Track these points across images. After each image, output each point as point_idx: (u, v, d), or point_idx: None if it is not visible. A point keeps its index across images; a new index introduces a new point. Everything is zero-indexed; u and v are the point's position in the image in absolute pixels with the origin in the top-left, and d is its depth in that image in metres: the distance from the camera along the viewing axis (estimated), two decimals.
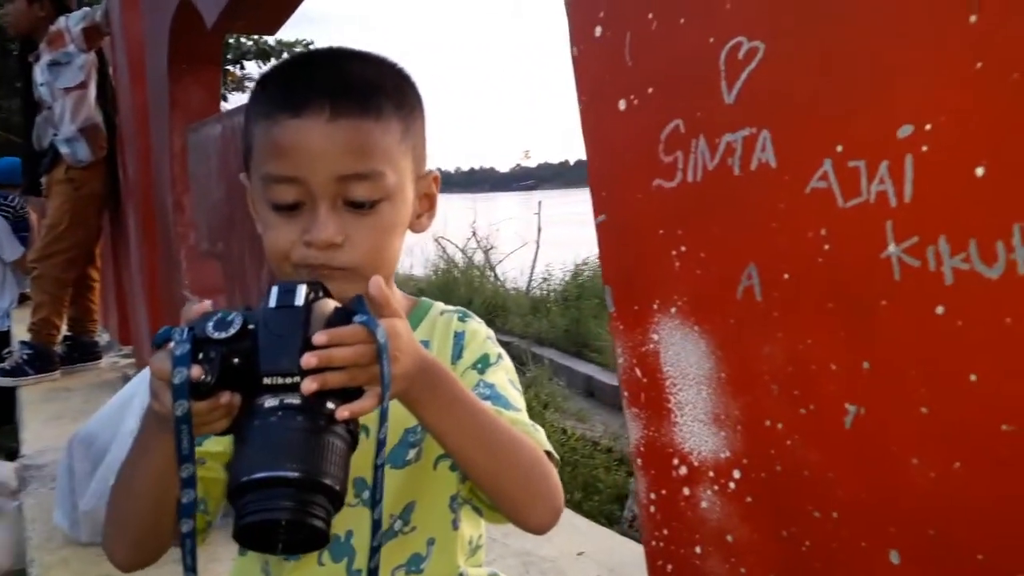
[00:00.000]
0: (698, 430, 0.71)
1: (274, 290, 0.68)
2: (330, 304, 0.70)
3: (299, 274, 0.85)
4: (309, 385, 0.64)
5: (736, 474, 0.68)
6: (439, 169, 0.93)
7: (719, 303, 0.67)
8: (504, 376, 1.03)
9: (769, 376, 0.63)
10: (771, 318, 0.63)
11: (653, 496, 0.77)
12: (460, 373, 1.01)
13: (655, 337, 0.74)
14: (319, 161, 0.83)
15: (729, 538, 0.69)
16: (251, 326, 0.67)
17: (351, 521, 0.92)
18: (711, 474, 0.70)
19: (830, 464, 0.60)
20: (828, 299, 0.58)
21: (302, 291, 0.68)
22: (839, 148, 0.56)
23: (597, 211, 0.79)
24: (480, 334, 1.04)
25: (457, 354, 1.01)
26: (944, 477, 0.53)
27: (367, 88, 0.85)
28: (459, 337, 1.01)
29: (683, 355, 0.71)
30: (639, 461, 0.78)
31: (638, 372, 0.76)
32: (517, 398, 1.02)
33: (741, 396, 0.66)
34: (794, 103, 0.59)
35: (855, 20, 0.55)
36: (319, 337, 0.65)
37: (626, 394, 0.78)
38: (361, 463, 0.89)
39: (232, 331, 0.67)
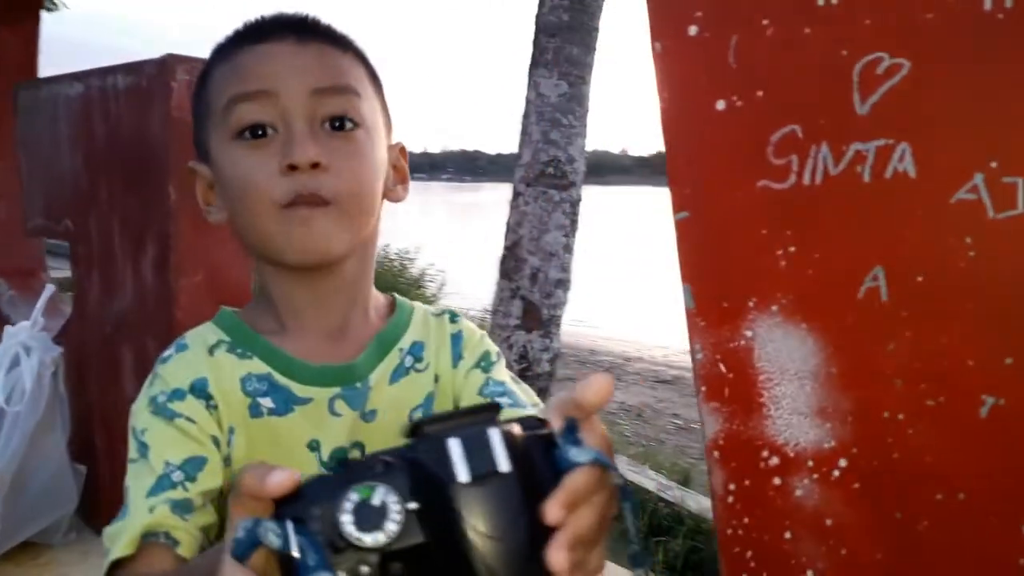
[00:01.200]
0: (797, 422, 0.74)
1: (454, 449, 0.41)
2: (522, 436, 0.45)
3: (289, 219, 0.79)
4: None
5: (842, 463, 0.72)
6: None
7: (834, 302, 0.71)
8: (507, 373, 1.02)
9: (892, 371, 0.68)
10: (898, 317, 0.67)
11: (733, 487, 0.79)
12: (463, 375, 0.98)
13: (748, 333, 0.76)
14: (291, 75, 0.80)
15: (828, 522, 0.73)
16: (410, 506, 0.42)
17: None
18: (810, 463, 0.74)
19: (960, 450, 0.66)
20: (968, 301, 0.64)
21: (496, 438, 0.41)
22: (993, 164, 0.62)
23: (677, 208, 0.80)
24: (476, 332, 1.03)
25: (457, 356, 0.99)
26: None
27: (333, 30, 0.85)
28: (456, 339, 0.99)
29: (784, 351, 0.74)
30: (716, 454, 0.80)
31: (722, 367, 0.78)
32: (529, 393, 1.01)
33: (855, 390, 0.71)
34: (940, 120, 0.64)
35: (1012, 46, 0.61)
36: (554, 511, 0.42)
37: (704, 388, 0.80)
38: None
39: (393, 529, 0.41)
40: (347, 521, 0.40)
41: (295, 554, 0.40)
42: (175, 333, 1.60)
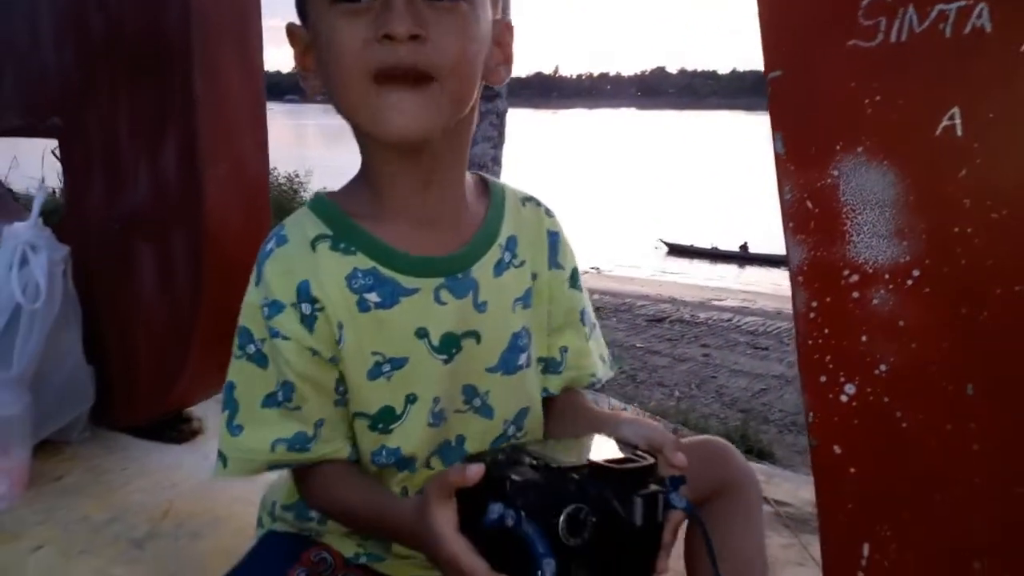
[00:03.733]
0: (876, 244, 0.90)
1: (639, 504, 0.66)
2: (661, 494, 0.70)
3: (378, 94, 0.80)
4: None
5: (915, 273, 0.88)
6: None
7: (914, 139, 0.86)
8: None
9: (963, 193, 0.84)
10: (971, 149, 0.83)
11: (815, 304, 0.95)
12: (561, 287, 1.07)
13: (835, 173, 0.91)
14: None
15: (901, 323, 0.90)
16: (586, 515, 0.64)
17: (461, 427, 0.98)
18: (886, 276, 0.90)
19: (1018, 252, 0.83)
20: None
21: (659, 500, 0.68)
22: None
23: (770, 66, 0.93)
24: (565, 235, 1.10)
25: (554, 262, 1.06)
26: None
27: None
28: (554, 240, 1.05)
29: (867, 185, 0.89)
30: (800, 278, 0.95)
31: (809, 204, 0.93)
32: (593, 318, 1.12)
33: (928, 212, 0.87)
34: None
35: None
36: (668, 537, 0.71)
37: (792, 224, 0.95)
38: (470, 369, 0.97)
39: (585, 538, 0.63)
40: (563, 527, 0.62)
41: (528, 537, 0.62)
42: (206, 226, 1.64)
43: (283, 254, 0.91)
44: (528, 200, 1.06)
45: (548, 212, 1.07)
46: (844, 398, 0.95)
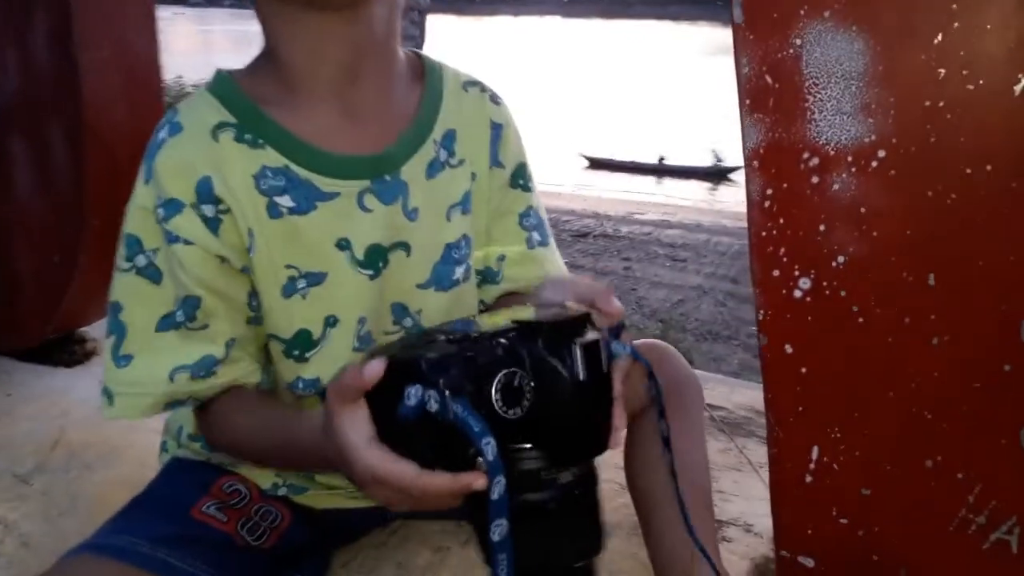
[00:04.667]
0: (839, 122, 0.82)
1: (579, 354, 0.55)
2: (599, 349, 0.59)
3: None
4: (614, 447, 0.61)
5: (881, 154, 0.81)
6: None
7: (885, 2, 0.77)
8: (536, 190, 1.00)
9: (937, 61, 0.76)
10: (947, 11, 0.75)
11: (770, 192, 0.87)
12: (500, 188, 0.95)
13: (797, 42, 0.81)
14: None
15: (862, 210, 0.83)
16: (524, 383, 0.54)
17: None
18: (849, 159, 0.82)
19: (992, 128, 0.75)
20: None
21: (601, 348, 0.58)
22: None
23: None
24: (515, 127, 0.97)
25: (495, 159, 0.94)
26: None
27: None
28: (496, 133, 0.92)
29: (832, 55, 0.80)
30: (755, 163, 0.87)
31: (768, 79, 0.83)
32: (545, 217, 1.01)
33: (898, 84, 0.78)
34: None
35: None
36: (616, 386, 0.62)
37: (748, 101, 0.85)
38: (399, 286, 0.87)
39: (524, 406, 0.53)
40: (497, 398, 0.51)
41: (461, 416, 0.51)
42: (86, 117, 1.46)
43: (178, 145, 0.77)
44: (472, 85, 0.93)
45: (495, 99, 0.94)
46: (798, 293, 0.88)
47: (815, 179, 0.84)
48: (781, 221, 0.87)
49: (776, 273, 0.89)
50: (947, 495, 0.87)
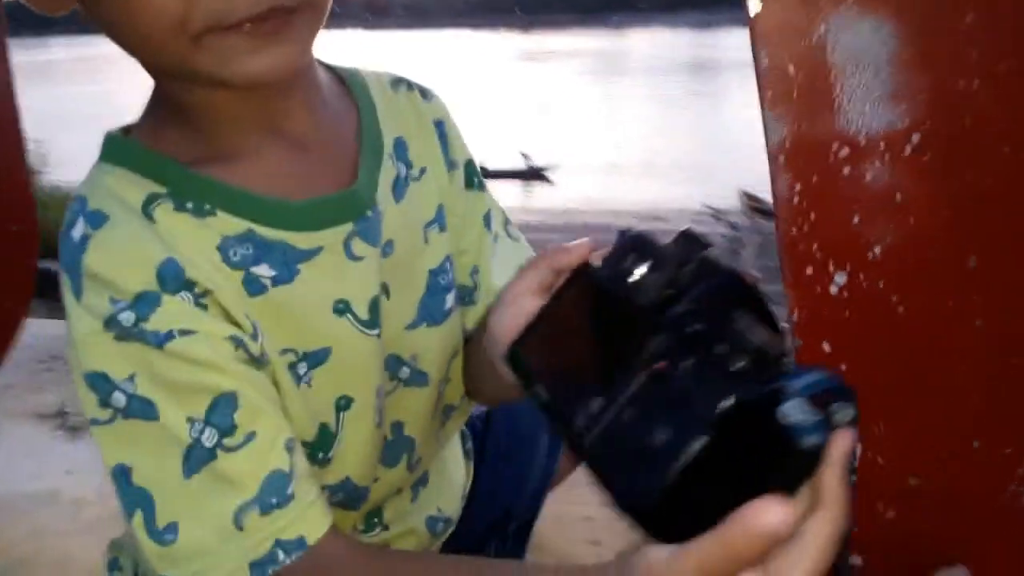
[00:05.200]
0: (870, 110, 0.79)
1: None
2: None
3: (213, 52, 0.55)
4: None
5: (914, 138, 0.79)
6: None
7: None
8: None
9: (966, 43, 0.75)
10: None
11: (799, 187, 0.83)
12: (459, 192, 0.82)
13: (821, 30, 0.78)
14: None
15: (898, 197, 0.81)
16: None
17: (394, 412, 0.77)
18: (881, 146, 0.80)
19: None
20: None
21: None
22: None
23: None
24: (452, 119, 0.86)
25: (448, 161, 0.81)
26: None
27: None
28: (441, 128, 0.81)
29: (858, 42, 0.77)
30: (781, 159, 0.83)
31: (791, 69, 0.80)
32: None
33: (928, 68, 0.77)
34: None
35: None
36: None
37: (770, 95, 0.81)
38: (388, 336, 0.74)
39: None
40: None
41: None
42: None
43: (110, 236, 0.59)
44: (397, 83, 0.80)
45: (425, 94, 0.82)
46: (834, 289, 0.85)
47: (847, 170, 0.81)
48: (812, 216, 0.84)
49: (809, 271, 0.85)
50: (995, 472, 0.87)
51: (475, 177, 0.84)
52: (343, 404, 0.70)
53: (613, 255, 0.48)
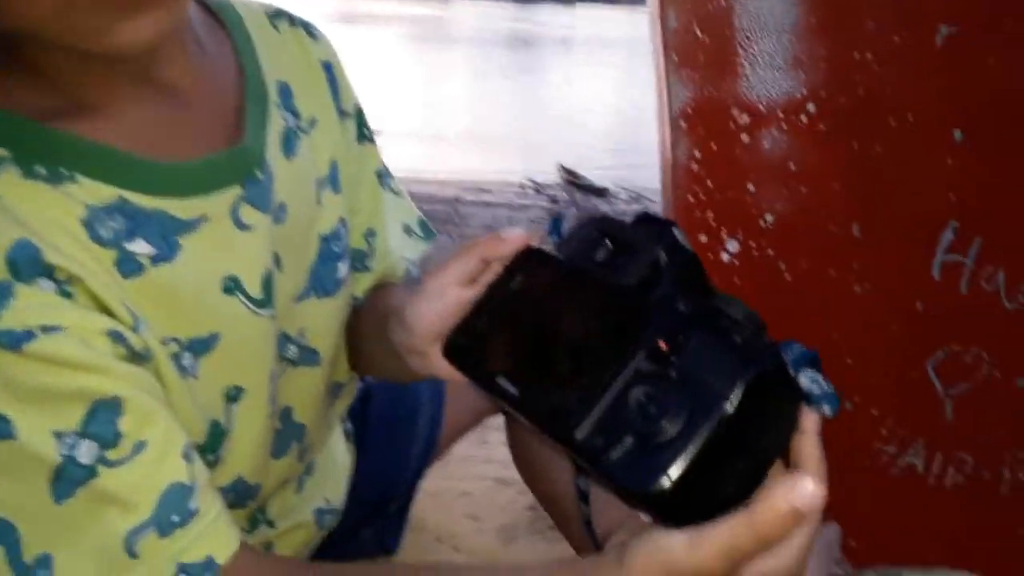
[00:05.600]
0: (771, 77, 0.79)
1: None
2: None
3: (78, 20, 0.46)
4: None
5: (811, 107, 0.80)
6: None
7: None
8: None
9: (867, 12, 0.76)
10: None
11: (698, 153, 0.82)
12: (351, 143, 0.74)
13: None
14: None
15: (791, 166, 0.82)
16: None
17: (284, 396, 0.68)
18: (780, 114, 0.80)
19: (915, 79, 0.78)
20: None
21: None
22: None
23: None
24: (340, 61, 0.77)
25: (338, 107, 0.72)
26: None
27: None
28: (330, 72, 0.71)
29: (765, 6, 0.77)
30: (683, 123, 0.81)
31: (698, 32, 0.78)
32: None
33: (830, 36, 0.78)
34: None
35: None
36: None
37: (676, 57, 0.79)
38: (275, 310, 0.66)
39: None
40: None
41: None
42: None
43: None
44: (277, 18, 0.69)
45: (311, 31, 0.71)
46: (726, 256, 0.85)
47: (745, 137, 0.81)
48: (709, 184, 0.83)
49: (703, 239, 0.85)
50: (863, 433, 0.92)
51: (364, 127, 0.75)
52: (233, 395, 0.60)
53: (574, 239, 0.46)
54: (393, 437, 0.92)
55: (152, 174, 0.53)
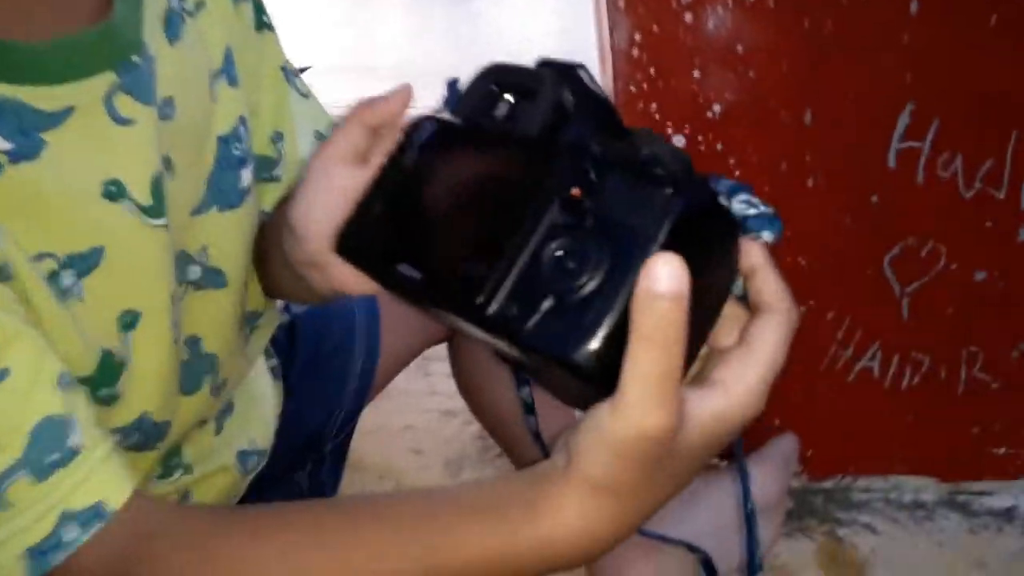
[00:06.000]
0: None
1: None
2: None
3: None
4: None
5: None
6: None
7: None
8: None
9: None
10: None
11: (638, 37, 0.74)
12: (248, 31, 0.64)
13: None
14: None
15: (739, 48, 0.75)
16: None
17: (190, 323, 0.60)
18: None
19: None
20: None
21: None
22: None
23: None
24: None
25: None
26: None
27: None
28: None
29: None
30: (621, 4, 0.73)
31: None
32: None
33: None
34: None
35: None
36: None
37: None
38: (170, 222, 0.57)
39: None
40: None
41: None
42: None
43: None
44: None
45: None
46: None
47: (688, 17, 0.74)
48: (652, 71, 0.76)
49: None
50: (819, 336, 0.87)
51: (263, 14, 0.65)
52: (129, 321, 0.52)
53: (470, 98, 0.40)
54: (324, 373, 0.85)
55: (4, 56, 0.44)
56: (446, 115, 0.42)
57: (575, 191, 0.33)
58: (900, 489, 0.95)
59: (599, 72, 0.85)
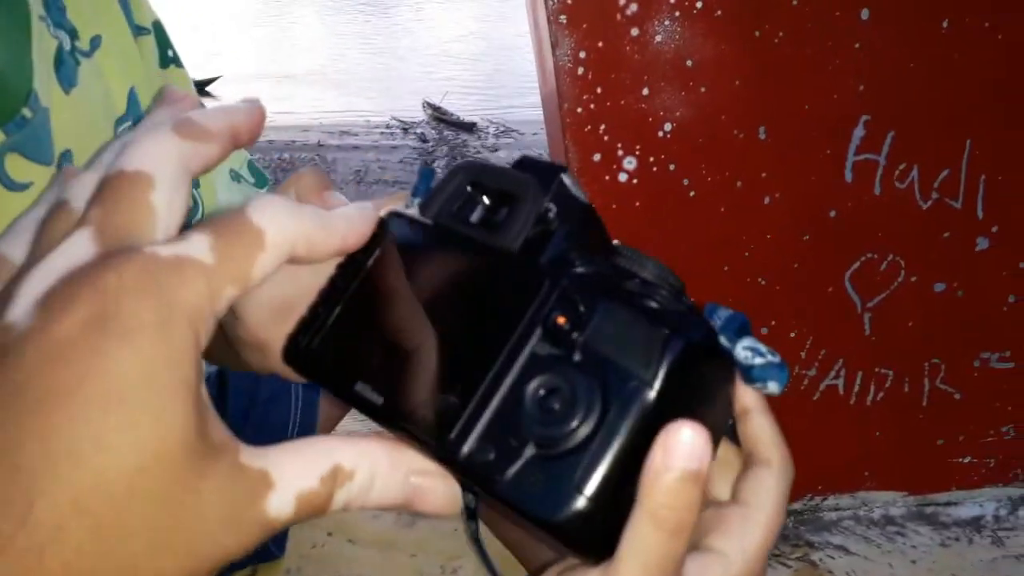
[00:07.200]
0: None
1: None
2: None
3: None
4: None
5: None
6: None
7: None
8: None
9: None
10: None
11: (583, 55, 0.69)
12: (153, 68, 0.58)
13: None
14: None
15: (689, 62, 0.70)
16: None
17: None
18: (672, 0, 0.68)
19: None
20: None
21: None
22: None
23: None
24: None
25: (130, 20, 0.56)
26: None
27: None
28: None
29: None
30: (563, 18, 0.68)
31: None
32: None
33: None
34: None
35: None
36: None
37: None
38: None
39: None
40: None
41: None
42: None
43: None
44: None
45: None
46: (623, 176, 0.74)
47: (635, 31, 0.69)
48: (599, 90, 0.71)
49: (597, 157, 0.73)
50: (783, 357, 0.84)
51: (168, 48, 0.58)
52: None
53: (440, 196, 0.34)
54: (260, 425, 0.78)
55: None
56: (414, 211, 0.35)
57: (560, 319, 0.28)
58: (869, 505, 0.93)
59: (540, 90, 0.80)
